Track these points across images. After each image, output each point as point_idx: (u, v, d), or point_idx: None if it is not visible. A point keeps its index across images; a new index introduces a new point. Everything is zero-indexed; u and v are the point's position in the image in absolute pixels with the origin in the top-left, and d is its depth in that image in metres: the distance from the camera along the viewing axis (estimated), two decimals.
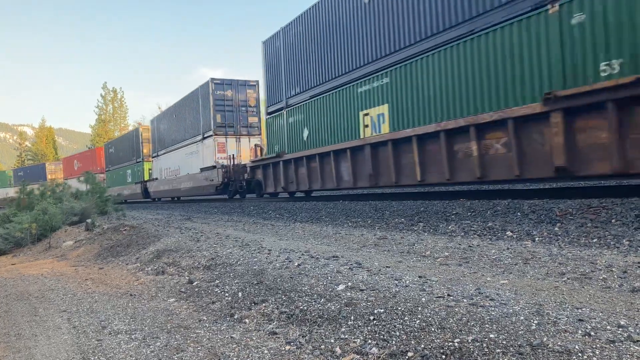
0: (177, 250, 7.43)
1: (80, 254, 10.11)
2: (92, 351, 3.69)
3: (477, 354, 2.53)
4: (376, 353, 2.90)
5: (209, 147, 23.96)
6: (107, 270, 7.72)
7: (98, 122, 71.84)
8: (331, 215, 10.70)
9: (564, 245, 5.39)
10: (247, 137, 24.28)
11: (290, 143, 16.97)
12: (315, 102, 15.41)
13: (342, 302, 3.70)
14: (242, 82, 24.24)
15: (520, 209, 7.26)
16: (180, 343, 3.70)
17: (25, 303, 5.72)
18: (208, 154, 23.96)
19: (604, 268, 4.11)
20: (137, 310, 4.86)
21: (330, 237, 7.70)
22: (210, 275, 5.70)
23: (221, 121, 23.63)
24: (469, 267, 4.63)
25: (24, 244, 12.73)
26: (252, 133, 24.38)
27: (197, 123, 25.50)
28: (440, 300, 3.35)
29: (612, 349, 2.35)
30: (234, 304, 4.51)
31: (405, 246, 6.11)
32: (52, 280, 7.17)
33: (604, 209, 6.31)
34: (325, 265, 4.94)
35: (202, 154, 24.84)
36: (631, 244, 5.00)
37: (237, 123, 24.03)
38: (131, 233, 10.45)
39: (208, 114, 23.97)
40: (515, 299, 3.25)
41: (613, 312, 2.93)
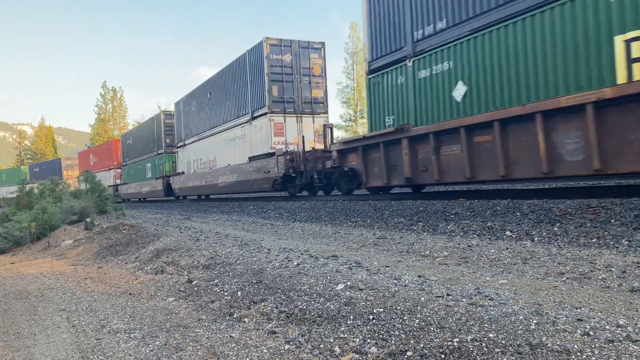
0: (177, 249, 7.42)
1: (79, 253, 10.10)
2: (91, 350, 3.68)
3: (476, 353, 2.53)
4: (375, 352, 2.90)
5: (261, 129, 18.54)
6: (106, 269, 7.72)
7: (97, 121, 71.75)
8: (330, 215, 10.70)
9: (563, 245, 5.39)
10: (310, 117, 18.35)
11: (421, 110, 10.90)
12: (483, 39, 9.39)
13: (342, 301, 3.70)
14: (304, 43, 18.41)
15: (519, 209, 7.26)
16: (179, 342, 3.70)
17: (25, 302, 5.72)
18: (260, 138, 18.62)
19: (603, 268, 4.11)
20: (136, 310, 4.86)
21: (329, 236, 7.70)
22: (210, 274, 5.70)
23: (278, 95, 17.90)
24: (468, 267, 4.64)
25: (23, 243, 12.72)
26: (317, 111, 18.56)
27: (244, 99, 19.94)
28: (440, 299, 3.35)
29: (611, 348, 2.36)
30: (233, 303, 4.50)
31: (405, 246, 6.11)
32: (51, 279, 7.17)
33: (603, 209, 6.31)
34: (325, 264, 4.94)
35: (251, 139, 19.38)
36: (630, 244, 5.00)
37: (299, 98, 18.20)
38: (130, 232, 10.44)
39: (260, 85, 18.29)
40: (514, 299, 3.25)
41: (612, 311, 2.93)
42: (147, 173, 32.23)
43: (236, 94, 20.70)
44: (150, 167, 31.58)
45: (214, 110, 23.24)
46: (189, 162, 26.34)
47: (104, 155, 41.46)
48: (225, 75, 22.05)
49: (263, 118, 18.29)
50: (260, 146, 18.58)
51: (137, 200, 35.88)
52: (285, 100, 18.05)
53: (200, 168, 24.71)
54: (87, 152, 47.82)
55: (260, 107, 18.45)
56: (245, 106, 19.85)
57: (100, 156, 42.36)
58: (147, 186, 32.04)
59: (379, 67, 12.40)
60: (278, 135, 17.91)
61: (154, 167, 30.86)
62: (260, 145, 18.61)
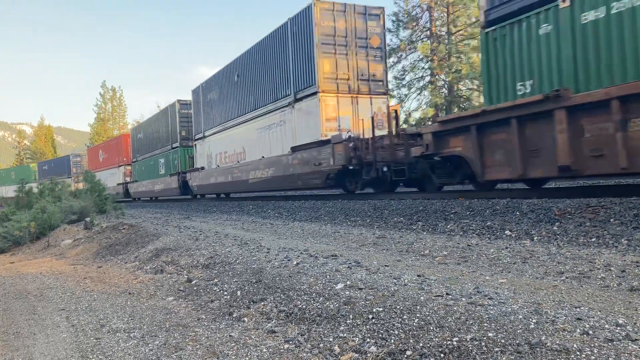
0: (176, 249, 7.42)
1: (79, 252, 10.10)
2: (90, 349, 3.68)
3: (476, 352, 2.53)
4: (375, 352, 2.90)
5: (309, 113, 15.18)
6: (105, 268, 7.71)
7: (97, 121, 71.75)
8: (330, 214, 10.70)
9: (562, 244, 5.39)
10: (367, 97, 15.17)
11: (586, 70, 7.74)
12: None
13: (341, 300, 3.70)
14: (360, 8, 15.28)
15: (519, 208, 7.26)
16: (178, 341, 3.70)
17: (24, 301, 5.71)
18: (307, 124, 15.31)
19: (603, 267, 4.12)
20: (135, 309, 4.86)
21: (329, 236, 7.70)
22: (209, 274, 5.70)
23: (331, 70, 14.70)
24: (467, 266, 4.64)
25: (22, 242, 12.72)
26: (376, 91, 15.32)
27: (285, 78, 16.51)
28: (439, 299, 3.36)
29: (610, 347, 2.36)
30: (233, 302, 4.50)
31: (404, 245, 6.11)
32: (51, 278, 7.17)
33: (602, 209, 6.31)
34: (324, 264, 4.94)
35: (294, 126, 16.11)
36: (630, 243, 5.01)
37: (354, 74, 15.05)
38: (130, 232, 10.44)
39: (308, 59, 14.98)
40: (513, 298, 3.25)
41: (611, 311, 2.93)
42: (160, 169, 29.23)
43: (274, 73, 17.31)
44: (164, 162, 28.63)
45: (242, 94, 19.83)
46: (210, 157, 23.10)
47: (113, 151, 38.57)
48: (257, 52, 18.46)
49: (311, 99, 14.98)
50: (307, 133, 15.24)
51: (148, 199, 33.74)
52: (338, 77, 14.77)
53: (225, 162, 21.45)
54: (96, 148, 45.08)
55: (308, 86, 15.15)
56: (286, 86, 16.44)
57: (109, 152, 39.58)
58: (160, 184, 29.16)
59: (504, 17, 9.07)
60: (330, 120, 14.69)
61: (168, 163, 27.99)
62: (307, 132, 15.26)
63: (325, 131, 14.61)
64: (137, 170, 34.00)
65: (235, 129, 20.51)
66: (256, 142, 18.79)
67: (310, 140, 14.97)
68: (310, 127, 15.16)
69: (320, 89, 14.61)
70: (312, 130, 14.98)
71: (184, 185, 25.81)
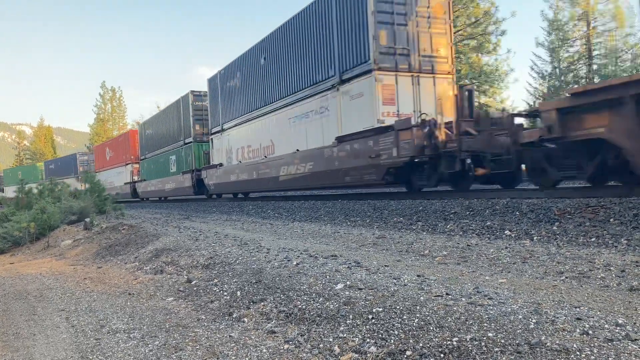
0: (176, 249, 7.42)
1: (78, 253, 10.10)
2: (90, 350, 3.68)
3: (476, 352, 2.53)
4: (375, 352, 2.90)
5: (361, 94, 12.82)
6: (105, 269, 7.71)
7: (97, 121, 71.72)
8: (330, 215, 10.70)
9: (562, 244, 5.39)
10: (430, 77, 12.88)
11: None
12: None
13: (341, 301, 3.70)
14: None
15: (518, 208, 7.27)
16: (178, 342, 3.70)
17: (24, 302, 5.71)
18: (358, 108, 12.90)
19: (602, 267, 4.12)
20: (135, 309, 4.86)
21: (328, 236, 7.70)
22: (209, 274, 5.70)
23: (387, 44, 12.34)
24: (467, 266, 4.64)
25: (22, 243, 12.71)
26: (440, 70, 13.01)
27: (327, 57, 14.10)
28: (439, 299, 3.36)
29: (610, 347, 2.36)
30: (233, 302, 4.50)
31: (404, 245, 6.12)
32: (51, 279, 7.17)
33: (602, 208, 6.31)
34: (324, 264, 4.94)
35: (339, 112, 13.68)
36: (629, 243, 5.01)
37: (415, 49, 12.69)
38: (130, 232, 10.44)
39: (360, 31, 12.70)
40: (513, 298, 3.25)
41: (611, 310, 2.93)
42: (171, 167, 27.23)
43: (312, 53, 14.75)
44: (175, 160, 26.48)
45: (270, 80, 17.19)
46: (230, 152, 20.70)
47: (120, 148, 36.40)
48: (290, 30, 15.93)
49: (364, 79, 12.59)
50: (357, 120, 12.83)
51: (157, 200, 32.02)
52: (396, 52, 12.40)
53: (248, 158, 19.06)
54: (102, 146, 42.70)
55: (359, 64, 12.78)
56: (329, 66, 13.97)
57: (116, 150, 37.42)
58: (171, 182, 27.02)
59: None
60: (388, 103, 12.24)
61: (180, 160, 25.84)
62: (357, 118, 12.84)
63: (382, 116, 12.21)
64: (145, 168, 31.94)
65: (262, 120, 18.07)
66: (288, 134, 16.16)
67: (362, 128, 12.49)
68: (362, 112, 12.61)
69: (376, 66, 12.20)
70: (365, 116, 12.46)
71: (199, 184, 23.55)
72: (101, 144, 44.48)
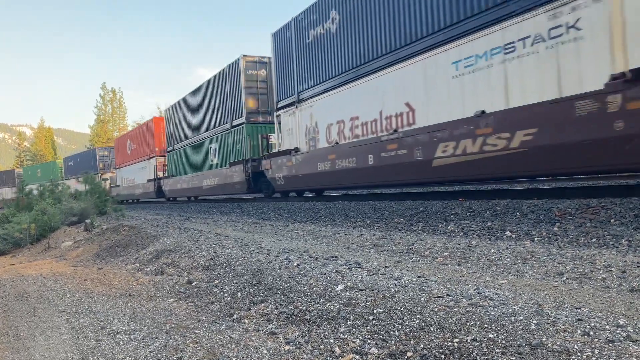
0: (176, 250, 7.42)
1: (79, 254, 10.10)
2: (91, 351, 3.68)
3: (477, 353, 2.53)
4: (375, 353, 2.90)
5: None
6: (106, 270, 7.71)
7: (97, 123, 71.82)
8: (330, 216, 10.69)
9: (563, 245, 5.39)
10: None
11: None
12: None
13: (341, 302, 3.70)
14: None
15: (519, 209, 7.26)
16: (179, 343, 3.70)
17: (24, 303, 5.71)
18: None
19: (603, 268, 4.11)
20: (136, 311, 4.86)
21: (329, 237, 7.70)
22: (210, 275, 5.70)
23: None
24: (468, 267, 4.64)
25: (22, 244, 12.72)
26: None
27: None
28: (440, 300, 3.35)
29: (611, 348, 2.35)
30: (233, 304, 4.50)
31: (405, 246, 6.11)
32: (51, 280, 7.17)
33: (603, 209, 6.31)
34: (325, 265, 4.94)
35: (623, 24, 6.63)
36: (630, 243, 5.00)
37: None
38: (130, 233, 10.44)
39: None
40: (514, 299, 3.25)
41: (612, 311, 2.93)
42: (210, 158, 21.67)
43: None
44: (217, 148, 20.94)
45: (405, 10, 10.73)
46: (314, 130, 14.60)
47: (143, 139, 30.97)
48: None
49: None
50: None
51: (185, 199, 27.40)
52: None
53: (352, 136, 12.69)
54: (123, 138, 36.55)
55: None
56: None
57: (139, 141, 31.96)
58: (210, 178, 21.47)
59: None
60: None
61: (226, 148, 20.10)
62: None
63: None
64: (174, 161, 26.59)
65: (384, 75, 11.54)
66: (451, 89, 9.58)
67: None
68: None
69: None
70: None
71: (255, 178, 18.05)
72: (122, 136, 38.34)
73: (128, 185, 34.79)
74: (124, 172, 35.53)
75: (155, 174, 28.71)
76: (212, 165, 21.68)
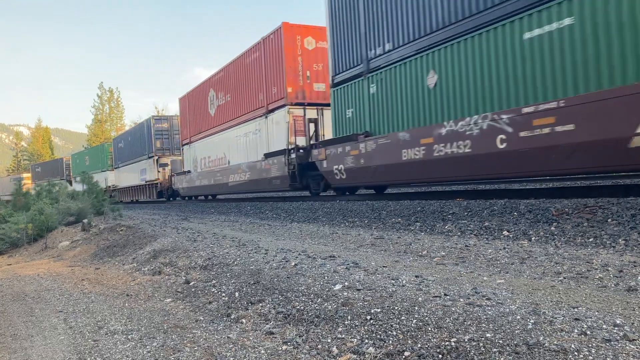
0: (174, 250, 7.41)
1: (76, 254, 10.08)
2: (88, 351, 3.68)
3: (474, 353, 2.53)
4: (373, 353, 2.90)
5: None
6: (103, 270, 7.70)
7: (94, 122, 71.69)
8: (328, 215, 10.69)
9: (560, 244, 5.40)
10: None
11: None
12: None
13: (339, 301, 3.70)
14: None
15: (516, 209, 7.27)
16: (176, 343, 3.69)
17: (21, 303, 5.70)
18: None
19: (600, 267, 4.12)
20: (133, 311, 4.85)
21: (327, 237, 7.70)
22: (207, 275, 5.69)
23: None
24: (465, 267, 4.64)
25: (20, 244, 12.69)
26: None
27: None
28: (437, 299, 3.36)
29: (608, 347, 2.36)
30: (231, 304, 4.50)
31: (402, 246, 6.12)
32: (49, 280, 7.15)
33: (600, 209, 6.32)
34: (322, 265, 4.94)
35: None
36: (627, 243, 5.02)
37: None
38: (128, 233, 10.42)
39: None
40: (511, 299, 3.25)
41: (609, 311, 2.93)
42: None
43: None
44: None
45: None
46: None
47: (252, 76, 17.76)
48: None
49: None
50: None
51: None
52: None
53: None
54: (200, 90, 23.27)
55: None
56: None
57: (239, 85, 18.83)
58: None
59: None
60: None
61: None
62: None
63: None
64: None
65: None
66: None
67: None
68: None
69: None
70: None
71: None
72: (195, 90, 23.96)
73: (209, 169, 21.94)
74: (201, 149, 23.19)
75: (294, 137, 15.24)
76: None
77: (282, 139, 15.37)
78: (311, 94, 15.43)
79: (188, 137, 25.08)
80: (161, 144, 29.47)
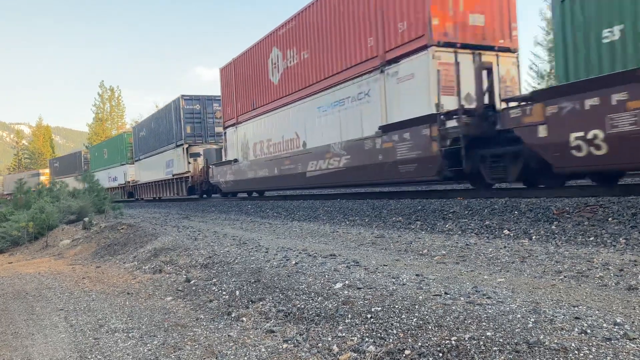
0: (175, 248, 7.42)
1: (77, 252, 10.09)
2: (89, 350, 3.68)
3: (474, 351, 2.53)
4: (373, 351, 2.91)
5: None
6: (104, 268, 7.71)
7: (95, 121, 71.62)
8: (329, 214, 10.69)
9: (560, 243, 5.40)
10: None
11: None
12: None
13: (340, 300, 3.70)
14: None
15: (517, 208, 7.27)
16: (177, 341, 3.70)
17: (22, 302, 5.71)
18: None
19: (601, 266, 4.12)
20: (134, 309, 4.85)
21: (327, 235, 7.70)
22: (208, 273, 5.69)
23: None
24: (466, 266, 4.64)
25: (21, 242, 12.70)
26: None
27: None
28: (437, 298, 3.36)
29: (608, 346, 2.36)
30: (232, 302, 4.50)
31: (403, 244, 6.12)
32: (49, 278, 7.16)
33: (600, 208, 6.32)
34: (323, 263, 4.94)
35: None
36: (628, 242, 5.01)
37: None
38: (128, 232, 10.43)
39: None
40: (512, 297, 3.25)
41: (609, 310, 2.93)
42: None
43: None
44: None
45: None
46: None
47: (351, 12, 12.11)
48: None
49: None
50: None
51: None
52: None
53: None
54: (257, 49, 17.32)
55: None
56: None
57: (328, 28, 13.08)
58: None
59: None
60: None
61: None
62: None
63: None
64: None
65: None
66: None
67: None
68: None
69: None
70: None
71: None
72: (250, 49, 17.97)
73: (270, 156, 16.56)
74: (255, 130, 17.85)
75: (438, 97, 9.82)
76: None
77: (419, 100, 10.12)
78: (465, 29, 9.89)
79: (235, 116, 19.19)
80: (192, 130, 23.70)
